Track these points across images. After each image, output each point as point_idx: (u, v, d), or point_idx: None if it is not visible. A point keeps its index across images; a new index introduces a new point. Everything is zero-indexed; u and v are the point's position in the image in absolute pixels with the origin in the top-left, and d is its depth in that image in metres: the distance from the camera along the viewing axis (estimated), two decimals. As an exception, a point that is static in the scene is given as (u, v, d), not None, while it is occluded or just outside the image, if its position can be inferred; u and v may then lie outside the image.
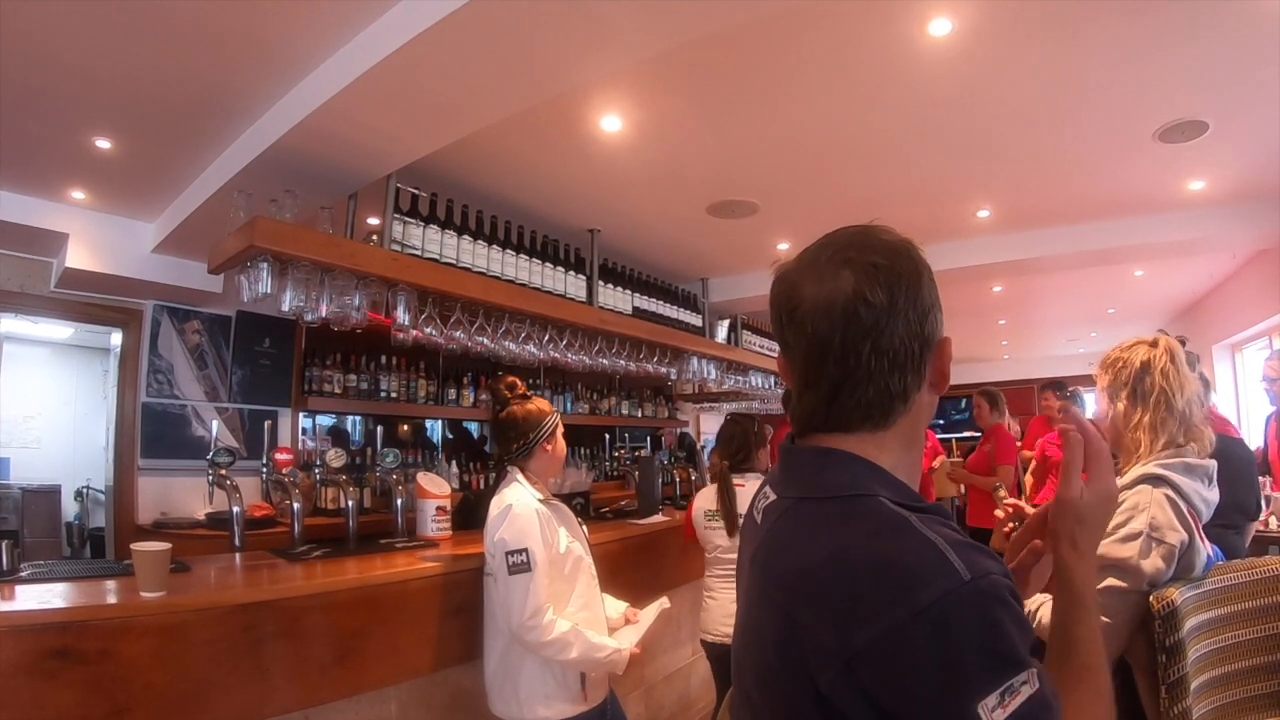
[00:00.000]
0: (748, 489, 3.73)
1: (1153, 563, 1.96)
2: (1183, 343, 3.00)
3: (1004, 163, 5.12)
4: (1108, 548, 2.00)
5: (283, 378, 5.87)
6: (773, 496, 1.12)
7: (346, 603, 3.02)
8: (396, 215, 4.00)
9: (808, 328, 1.04)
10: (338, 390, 5.59)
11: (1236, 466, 2.92)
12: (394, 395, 5.80)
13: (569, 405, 7.50)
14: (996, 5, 3.23)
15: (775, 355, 6.51)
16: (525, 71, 3.05)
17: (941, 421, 14.87)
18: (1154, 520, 1.99)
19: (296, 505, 4.02)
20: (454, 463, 6.41)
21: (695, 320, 6.70)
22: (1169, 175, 5.53)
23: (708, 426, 10.80)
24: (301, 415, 5.99)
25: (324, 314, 3.72)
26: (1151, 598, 1.93)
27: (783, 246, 6.72)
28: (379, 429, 5.62)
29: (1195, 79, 4.00)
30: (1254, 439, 6.74)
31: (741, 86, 3.83)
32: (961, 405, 14.70)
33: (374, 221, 4.73)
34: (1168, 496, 2.02)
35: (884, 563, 0.86)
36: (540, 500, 2.98)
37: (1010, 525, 1.69)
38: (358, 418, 6.54)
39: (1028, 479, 6.41)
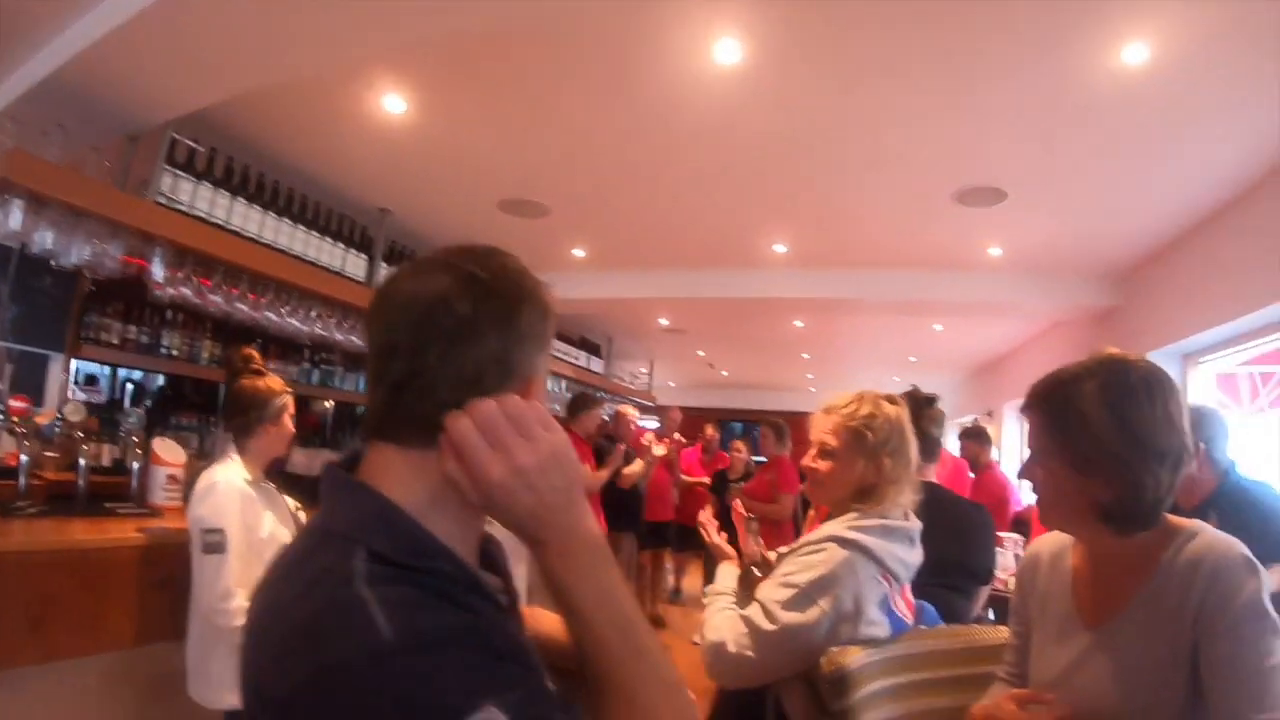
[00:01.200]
0: None
1: (793, 616, 1.97)
2: (930, 401, 3.15)
3: (800, 202, 5.34)
4: (768, 588, 2.06)
5: (61, 322, 5.55)
6: None
7: (43, 565, 2.88)
8: (169, 167, 3.89)
9: (386, 319, 1.01)
10: (115, 341, 5.30)
11: (968, 530, 3.04)
12: (175, 353, 5.54)
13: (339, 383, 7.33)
14: (785, 41, 3.39)
15: (570, 360, 6.62)
16: (289, 40, 3.07)
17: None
18: (819, 579, 2.00)
19: (25, 457, 3.83)
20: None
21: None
22: (969, 238, 5.88)
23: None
24: (79, 363, 5.67)
25: (74, 260, 3.56)
26: (823, 659, 1.92)
27: (578, 253, 6.86)
28: (129, 386, 5.36)
29: (995, 148, 4.28)
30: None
31: (531, 89, 3.91)
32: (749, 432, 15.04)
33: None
34: (849, 560, 2.03)
35: (306, 618, 0.86)
36: (249, 481, 2.91)
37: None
38: (159, 375, 6.23)
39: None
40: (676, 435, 7.75)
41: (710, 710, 2.52)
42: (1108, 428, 1.51)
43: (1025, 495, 8.71)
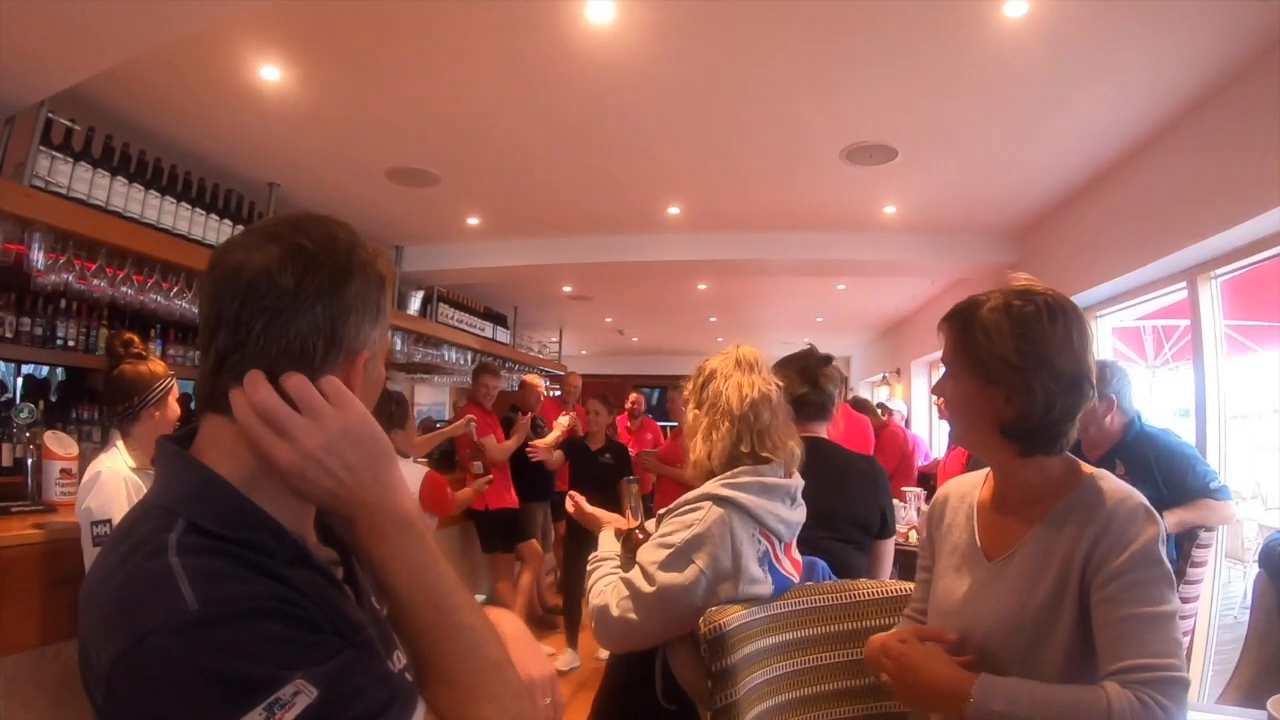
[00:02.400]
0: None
1: (670, 577, 2.01)
2: (826, 360, 3.23)
3: (689, 163, 5.41)
4: (646, 551, 2.10)
5: None
6: None
7: (-69, 569, 2.88)
8: (44, 148, 3.82)
9: (214, 289, 1.01)
10: (9, 335, 5.16)
11: (856, 481, 3.10)
12: (71, 344, 5.41)
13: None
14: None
15: (474, 331, 6.63)
16: (155, 5, 3.04)
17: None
18: (693, 538, 2.04)
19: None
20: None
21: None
22: (862, 197, 6.01)
23: (422, 398, 10.75)
24: None
25: (-54, 248, 3.50)
26: (700, 621, 1.94)
27: (473, 221, 6.89)
28: (18, 378, 5.26)
29: (883, 105, 4.36)
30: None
31: (405, 55, 3.93)
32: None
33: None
34: (724, 517, 2.06)
35: (118, 589, 0.88)
36: (133, 469, 2.91)
37: None
38: (61, 369, 6.08)
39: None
40: (580, 405, 7.81)
41: (602, 676, 2.58)
42: (1007, 339, 1.60)
43: (931, 451, 9.08)
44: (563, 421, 6.49)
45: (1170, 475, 3.45)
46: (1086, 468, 1.66)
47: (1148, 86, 3.99)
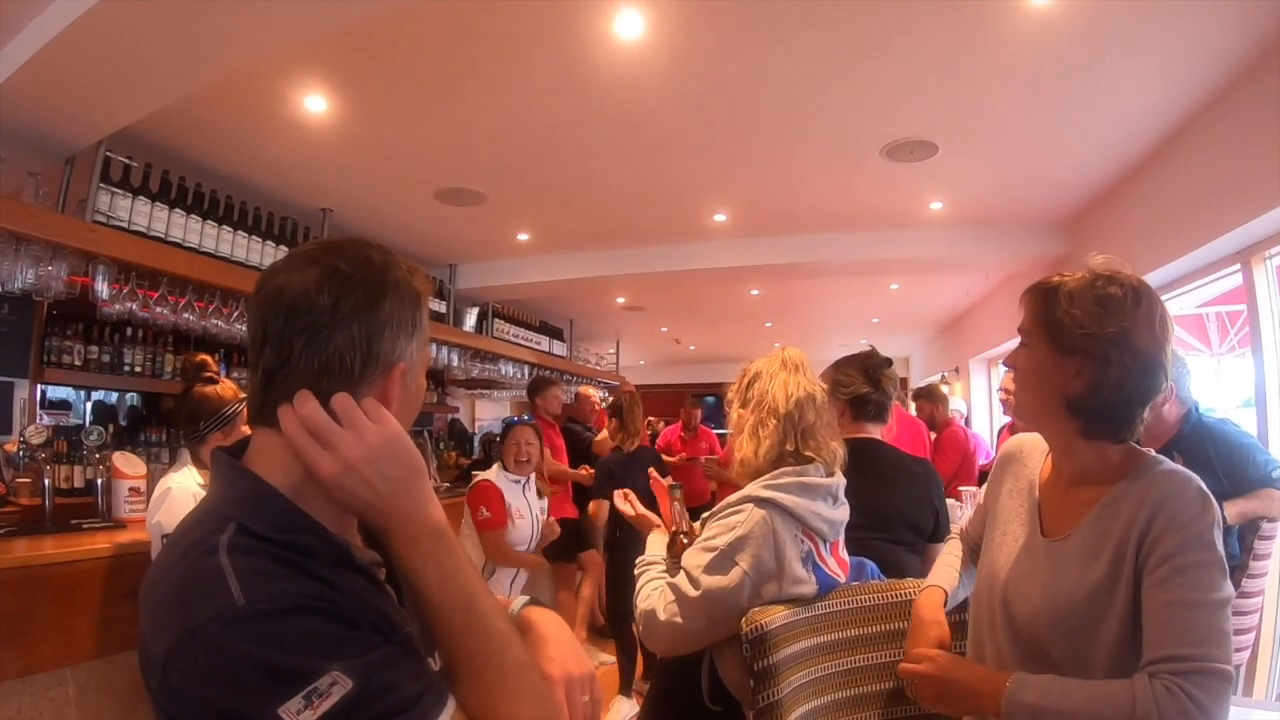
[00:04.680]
0: None
1: (715, 580, 2.01)
2: (887, 362, 3.17)
3: (730, 168, 5.44)
4: (691, 555, 2.10)
5: (23, 349, 5.60)
6: None
7: (9, 582, 3.01)
8: (104, 185, 4.01)
9: (259, 310, 1.08)
10: (78, 363, 5.34)
11: (907, 483, 3.04)
12: (138, 370, 5.60)
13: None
14: (684, 9, 3.46)
15: (530, 345, 6.70)
16: (205, 46, 3.20)
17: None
18: (737, 540, 2.03)
19: (-4, 485, 3.95)
20: (210, 443, 6.22)
21: (439, 307, 6.88)
22: (907, 194, 5.97)
23: (482, 413, 10.87)
24: (48, 388, 5.72)
25: (20, 285, 3.66)
26: (742, 620, 1.95)
27: (522, 237, 6.99)
28: (93, 406, 5.42)
29: (919, 100, 4.33)
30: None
31: (444, 78, 4.03)
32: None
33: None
34: (766, 519, 2.06)
35: (174, 585, 0.95)
36: (201, 485, 2.99)
37: None
38: (132, 395, 6.29)
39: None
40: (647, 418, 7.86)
41: (652, 680, 2.58)
42: (1090, 310, 1.58)
43: (992, 450, 8.92)
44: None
45: (1230, 466, 3.36)
46: (1145, 453, 1.63)
47: (1187, 61, 3.88)
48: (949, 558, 2.11)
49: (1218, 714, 1.36)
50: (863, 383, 3.02)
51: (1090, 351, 1.57)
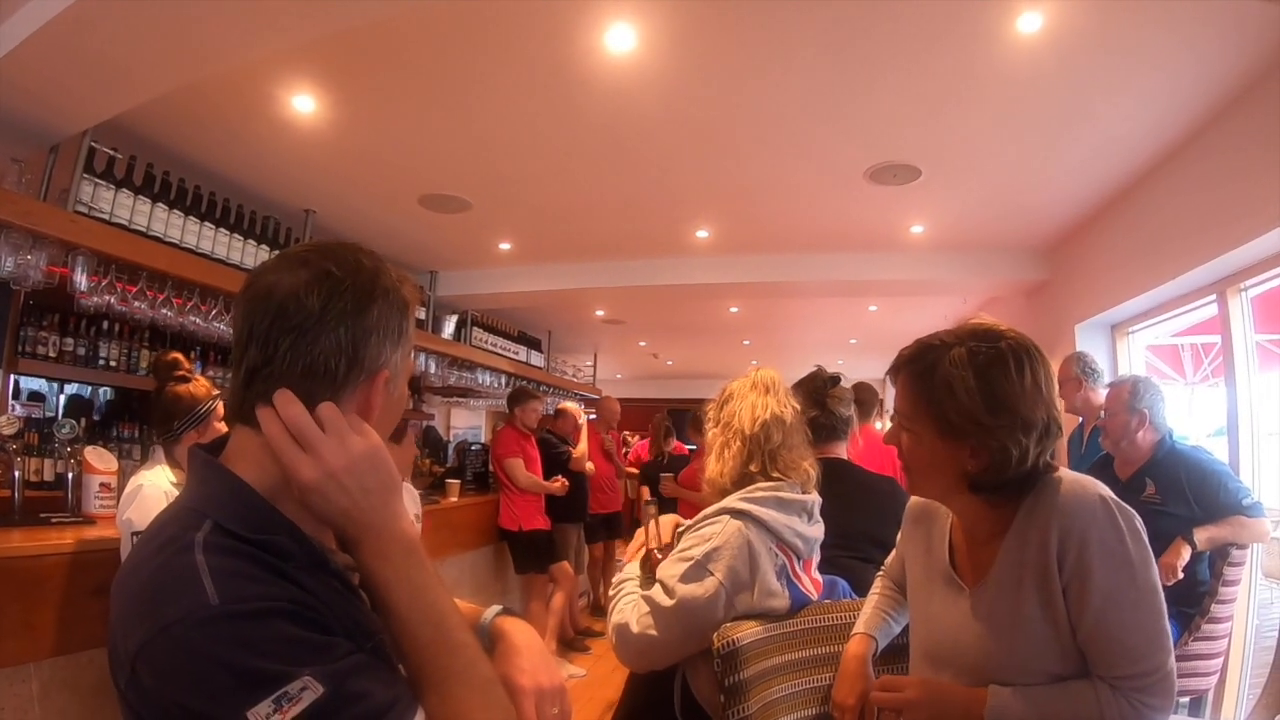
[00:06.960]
0: None
1: (690, 589, 2.02)
2: (835, 380, 3.16)
3: (715, 186, 5.47)
4: (666, 566, 2.12)
5: None
6: None
7: (-32, 576, 2.96)
8: (88, 176, 3.97)
9: (247, 308, 1.08)
10: (53, 354, 5.27)
11: (875, 500, 3.03)
12: (113, 364, 5.54)
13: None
14: (676, 26, 3.48)
15: (508, 355, 6.68)
16: (195, 41, 3.19)
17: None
18: (712, 549, 2.06)
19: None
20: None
21: (418, 313, 6.77)
22: (889, 217, 6.01)
23: (458, 421, 10.82)
24: (19, 380, 5.64)
25: (-1, 272, 3.62)
26: (715, 635, 1.96)
27: (505, 246, 6.99)
28: (66, 399, 5.37)
29: (903, 124, 4.37)
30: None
31: (432, 84, 4.04)
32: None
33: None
34: (742, 530, 2.08)
35: (146, 581, 0.94)
36: (174, 483, 2.98)
37: None
38: (105, 389, 6.22)
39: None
40: (621, 432, 7.86)
41: (621, 695, 2.57)
42: (974, 394, 1.52)
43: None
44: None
45: (1202, 492, 3.42)
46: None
47: (1168, 96, 3.94)
48: (878, 598, 2.12)
49: (1170, 704, 1.47)
50: (809, 406, 2.97)
51: (981, 437, 1.54)
